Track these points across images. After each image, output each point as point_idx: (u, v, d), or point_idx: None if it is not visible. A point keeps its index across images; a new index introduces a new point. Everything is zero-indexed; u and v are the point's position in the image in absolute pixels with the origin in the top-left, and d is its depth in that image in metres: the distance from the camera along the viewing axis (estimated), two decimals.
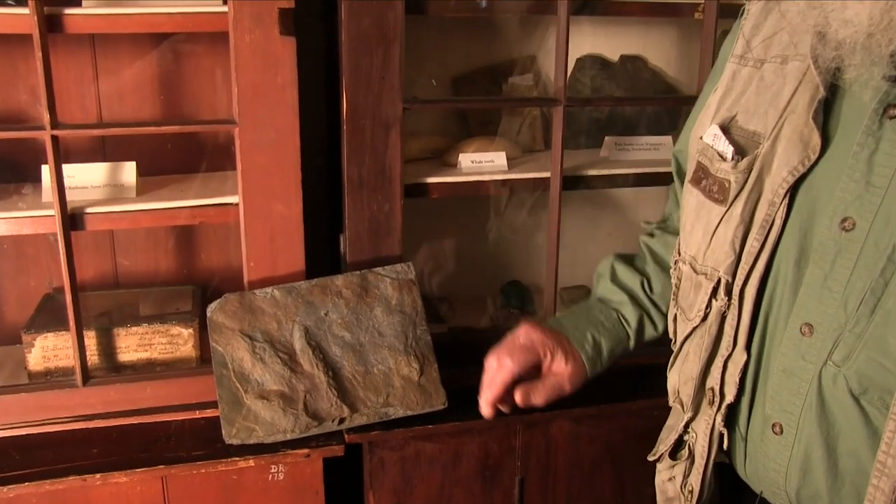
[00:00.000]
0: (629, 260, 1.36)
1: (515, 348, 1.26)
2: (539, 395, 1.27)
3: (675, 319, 1.11)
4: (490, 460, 1.52)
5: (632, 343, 1.33)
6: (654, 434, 1.21)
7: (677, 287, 1.10)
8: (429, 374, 1.44)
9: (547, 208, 1.59)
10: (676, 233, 1.31)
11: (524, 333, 1.28)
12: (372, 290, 1.45)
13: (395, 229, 1.48)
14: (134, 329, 1.52)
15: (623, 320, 1.33)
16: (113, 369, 1.52)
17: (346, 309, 1.44)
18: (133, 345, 1.52)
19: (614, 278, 1.34)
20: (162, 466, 1.35)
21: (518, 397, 1.26)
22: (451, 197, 1.65)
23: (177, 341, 1.53)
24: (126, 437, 1.41)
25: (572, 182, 1.61)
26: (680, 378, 1.09)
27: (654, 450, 1.16)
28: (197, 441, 1.40)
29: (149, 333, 1.52)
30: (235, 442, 1.36)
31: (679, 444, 1.11)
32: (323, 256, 1.62)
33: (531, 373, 1.28)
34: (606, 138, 1.75)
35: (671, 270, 1.14)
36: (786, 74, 0.95)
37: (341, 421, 1.39)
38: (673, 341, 1.12)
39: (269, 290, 1.42)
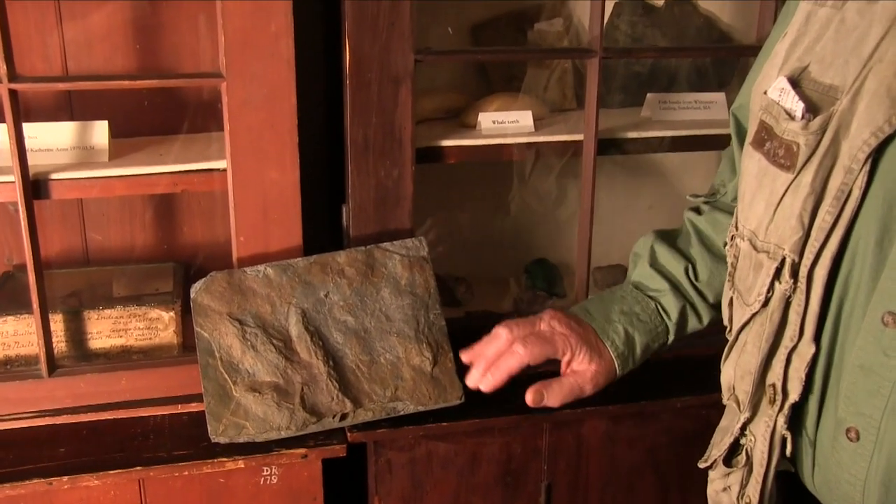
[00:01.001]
0: (671, 240, 1.34)
1: (532, 336, 1.26)
2: (554, 397, 1.28)
3: (730, 304, 1.09)
4: (513, 464, 1.52)
5: (671, 337, 1.33)
6: (702, 436, 1.20)
7: (734, 266, 1.08)
8: (443, 364, 1.43)
9: (579, 176, 1.58)
10: (728, 209, 1.30)
11: (547, 321, 1.28)
12: (379, 269, 1.45)
13: (405, 199, 1.47)
14: (107, 312, 1.51)
15: (662, 311, 1.32)
16: (83, 358, 1.51)
17: (349, 290, 1.43)
18: (106, 330, 1.52)
19: (654, 262, 1.33)
20: (139, 468, 1.35)
21: (529, 398, 1.27)
22: (469, 163, 1.64)
23: (156, 326, 1.53)
24: (98, 435, 1.41)
25: (609, 146, 1.60)
26: (736, 372, 1.06)
27: (706, 455, 1.15)
28: (179, 439, 1.40)
29: (124, 317, 1.52)
30: (223, 440, 1.36)
31: (735, 448, 1.09)
32: (323, 230, 1.61)
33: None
34: (649, 95, 1.73)
35: (727, 247, 1.11)
36: (873, 14, 0.91)
37: (343, 417, 1.39)
38: (728, 329, 1.10)
39: (261, 268, 1.41)
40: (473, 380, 1.28)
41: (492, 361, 1.27)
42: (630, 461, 1.56)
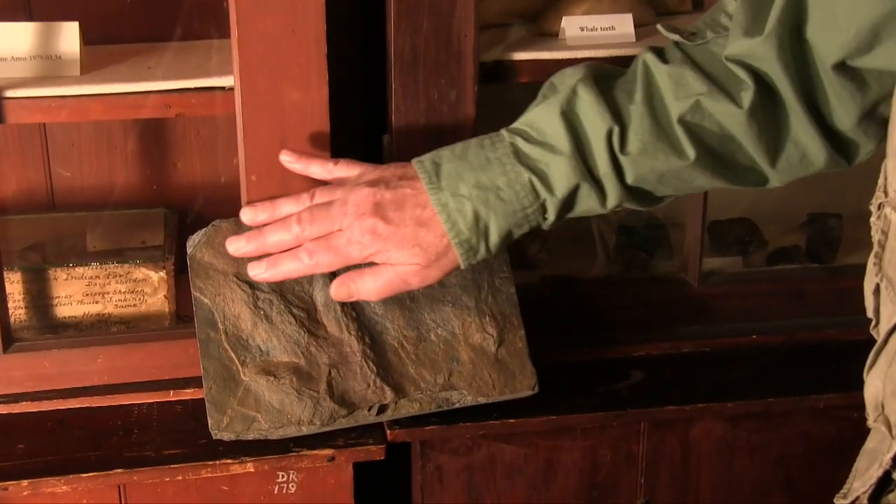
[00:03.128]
0: (607, 84, 1.26)
1: (325, 244, 1.28)
2: (368, 290, 1.29)
3: (876, 292, 1.06)
4: (599, 475, 1.52)
5: (548, 221, 1.28)
6: (851, 447, 1.18)
7: (881, 246, 1.04)
8: (511, 343, 1.44)
9: None
10: (708, 66, 1.23)
11: (351, 220, 1.27)
12: None
13: (464, 128, 1.46)
14: (79, 271, 1.52)
15: (541, 186, 1.25)
16: (48, 329, 1.53)
17: None
18: (77, 293, 1.53)
19: (569, 109, 1.25)
20: (119, 470, 1.35)
21: (335, 290, 1.30)
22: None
23: (142, 289, 1.54)
24: (67, 428, 1.42)
25: None
26: (886, 386, 1.04)
27: (846, 488, 1.12)
28: (171, 435, 1.41)
29: (101, 277, 1.52)
30: (227, 437, 1.36)
31: (886, 482, 1.07)
32: None
33: None
34: None
35: (871, 219, 1.08)
36: None
37: (381, 409, 1.39)
38: (872, 324, 1.08)
39: None
40: (237, 249, 1.33)
41: (269, 249, 1.31)
42: (753, 476, 1.56)
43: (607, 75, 1.27)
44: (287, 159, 1.37)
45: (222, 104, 1.43)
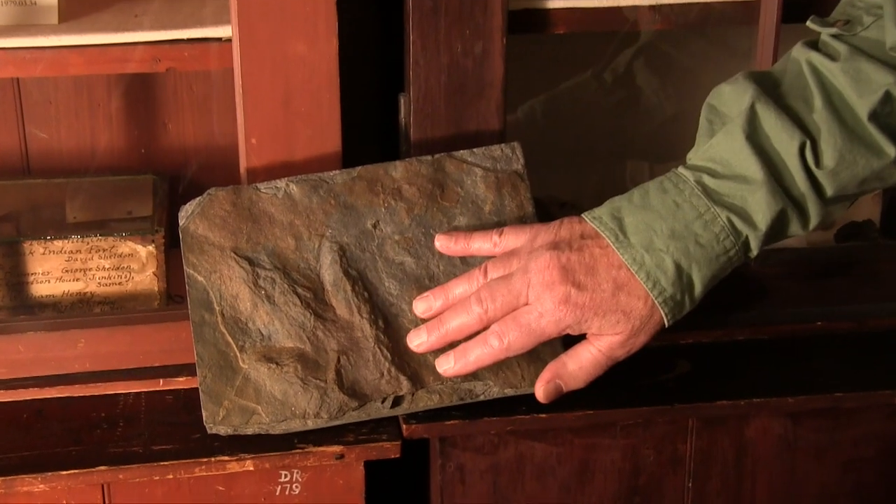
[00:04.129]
0: (779, 96, 1.26)
1: (513, 323, 1.30)
2: (575, 381, 1.34)
3: None
4: (642, 477, 1.51)
5: (753, 253, 1.29)
6: None
7: None
8: None
9: (750, 56, 1.55)
10: (879, 54, 1.22)
11: (536, 295, 1.29)
12: (451, 188, 1.44)
13: (491, 86, 1.46)
14: (57, 244, 1.52)
15: (741, 223, 1.25)
16: (23, 309, 1.54)
17: (407, 218, 1.42)
18: (56, 270, 1.53)
19: (753, 132, 1.25)
20: (103, 468, 1.35)
21: (541, 393, 1.33)
22: (585, 34, 1.62)
23: (128, 265, 1.54)
24: (45, 421, 1.42)
25: (800, 8, 1.52)
26: None
27: None
28: (160, 428, 1.41)
29: (82, 252, 1.53)
30: (223, 431, 1.36)
31: None
32: (370, 131, 1.62)
33: None
34: None
35: None
36: None
37: (397, 401, 1.39)
38: None
39: (281, 184, 1.41)
40: (420, 344, 1.37)
41: (453, 337, 1.34)
42: (817, 481, 1.55)
43: (773, 85, 1.27)
44: (442, 244, 1.40)
45: (218, 57, 1.43)
